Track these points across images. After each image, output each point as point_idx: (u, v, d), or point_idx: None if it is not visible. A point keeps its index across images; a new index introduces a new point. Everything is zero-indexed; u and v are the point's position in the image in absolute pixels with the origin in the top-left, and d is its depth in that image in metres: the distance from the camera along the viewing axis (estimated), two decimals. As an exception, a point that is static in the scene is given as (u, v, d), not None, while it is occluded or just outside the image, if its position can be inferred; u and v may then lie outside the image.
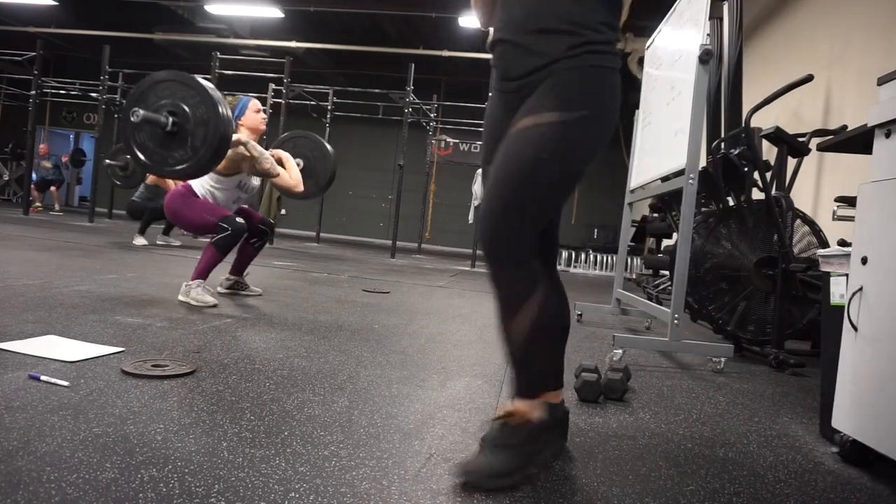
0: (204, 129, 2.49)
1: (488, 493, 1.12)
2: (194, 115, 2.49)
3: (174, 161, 2.54)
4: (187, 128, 2.49)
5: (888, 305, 1.36)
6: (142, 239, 6.04)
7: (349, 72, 12.81)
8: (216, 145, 2.51)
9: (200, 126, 2.49)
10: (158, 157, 2.55)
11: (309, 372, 1.85)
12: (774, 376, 2.54)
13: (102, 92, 9.20)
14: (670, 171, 2.82)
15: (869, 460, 1.47)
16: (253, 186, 3.22)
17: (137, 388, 1.51)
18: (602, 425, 1.62)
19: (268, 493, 1.03)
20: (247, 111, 3.09)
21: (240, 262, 3.33)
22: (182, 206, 2.98)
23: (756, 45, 5.70)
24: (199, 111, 2.49)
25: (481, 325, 3.10)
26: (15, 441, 1.12)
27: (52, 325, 2.09)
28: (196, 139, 2.50)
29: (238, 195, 3.16)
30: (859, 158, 3.00)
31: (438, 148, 13.21)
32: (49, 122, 15.07)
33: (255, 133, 3.11)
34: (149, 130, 2.53)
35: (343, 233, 13.82)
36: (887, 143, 1.44)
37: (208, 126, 2.49)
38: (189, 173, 2.59)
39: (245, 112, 3.08)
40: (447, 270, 6.83)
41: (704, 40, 2.44)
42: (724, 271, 2.97)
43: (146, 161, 2.56)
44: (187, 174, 2.60)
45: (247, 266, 3.36)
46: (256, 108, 3.11)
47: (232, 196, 3.13)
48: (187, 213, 2.97)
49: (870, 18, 3.64)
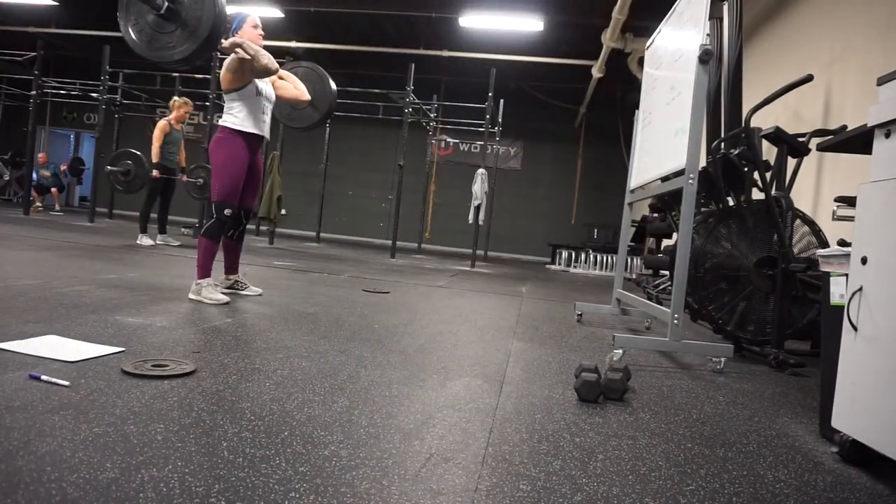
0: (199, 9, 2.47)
1: (488, 493, 1.12)
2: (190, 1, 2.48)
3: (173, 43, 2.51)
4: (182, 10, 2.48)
5: (888, 305, 1.36)
6: (146, 238, 6.04)
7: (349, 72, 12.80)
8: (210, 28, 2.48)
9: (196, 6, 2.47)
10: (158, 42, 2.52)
11: (309, 372, 1.85)
12: (774, 376, 2.54)
13: (103, 92, 9.20)
14: (670, 171, 2.82)
15: (869, 460, 1.47)
16: (270, 93, 3.22)
17: (137, 388, 1.51)
18: (602, 425, 1.62)
19: (268, 493, 1.03)
20: (244, 25, 3.06)
21: (228, 260, 3.34)
22: (219, 157, 3.05)
23: (756, 45, 5.70)
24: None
25: (481, 325, 3.10)
26: (15, 441, 1.12)
27: (53, 325, 2.09)
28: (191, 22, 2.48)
29: (262, 103, 3.15)
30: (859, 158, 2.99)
31: (438, 148, 13.22)
32: (49, 122, 15.07)
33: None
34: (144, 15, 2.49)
35: (343, 233, 13.81)
36: (887, 143, 1.44)
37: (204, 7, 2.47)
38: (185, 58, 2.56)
39: (242, 27, 3.06)
40: (447, 270, 6.83)
41: (704, 40, 2.44)
42: (724, 271, 2.97)
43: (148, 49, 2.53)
44: (183, 59, 2.57)
45: (236, 260, 3.36)
46: (254, 24, 3.09)
47: (257, 105, 3.11)
48: (219, 166, 3.04)
49: (870, 18, 3.63)
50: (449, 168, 13.52)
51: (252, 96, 3.09)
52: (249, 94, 3.08)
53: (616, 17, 6.99)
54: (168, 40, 2.51)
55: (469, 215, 8.51)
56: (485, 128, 7.93)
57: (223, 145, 3.04)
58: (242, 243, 3.37)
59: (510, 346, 2.62)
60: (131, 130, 12.06)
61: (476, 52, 10.21)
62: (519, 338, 2.86)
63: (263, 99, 3.16)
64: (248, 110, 3.08)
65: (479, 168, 8.37)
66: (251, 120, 3.09)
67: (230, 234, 3.29)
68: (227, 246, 3.31)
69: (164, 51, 2.52)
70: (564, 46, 10.28)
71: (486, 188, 8.35)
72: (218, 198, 3.00)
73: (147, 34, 2.52)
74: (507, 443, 1.40)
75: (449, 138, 12.06)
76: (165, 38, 2.50)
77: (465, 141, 12.64)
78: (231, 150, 3.04)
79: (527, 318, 3.57)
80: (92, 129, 13.77)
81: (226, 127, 3.05)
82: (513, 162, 13.41)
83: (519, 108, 12.64)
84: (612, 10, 6.94)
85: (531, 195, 13.39)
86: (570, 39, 10.06)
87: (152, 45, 2.53)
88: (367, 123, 12.62)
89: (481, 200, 8.23)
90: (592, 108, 11.93)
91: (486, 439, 1.41)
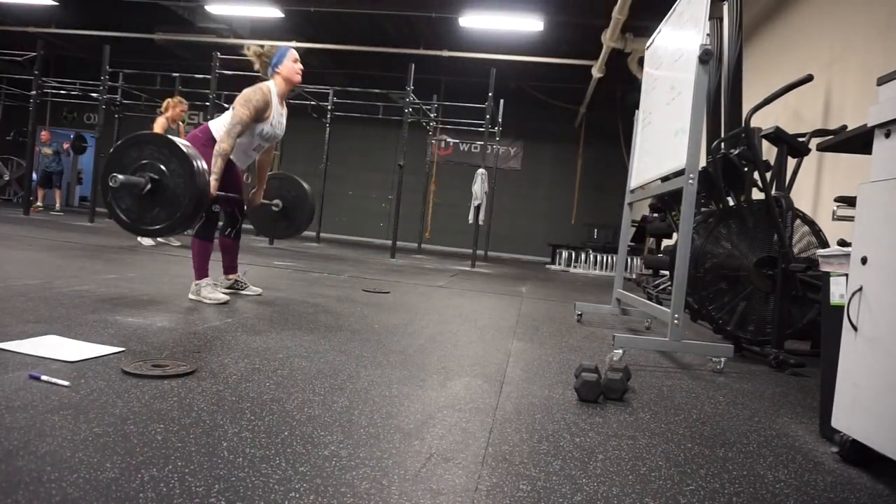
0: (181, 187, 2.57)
1: (488, 493, 1.12)
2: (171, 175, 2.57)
3: (153, 220, 2.63)
4: (166, 187, 2.57)
5: (888, 305, 1.36)
6: (147, 238, 6.04)
7: (349, 72, 12.81)
8: (195, 202, 2.58)
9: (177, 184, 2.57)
10: (137, 215, 2.63)
11: (309, 372, 1.85)
12: (774, 376, 2.54)
13: (103, 92, 9.20)
14: (670, 171, 2.82)
15: (869, 460, 1.47)
16: (276, 135, 3.15)
17: (137, 388, 1.51)
18: (602, 425, 1.62)
19: (268, 493, 1.03)
20: (285, 60, 3.06)
21: (227, 260, 3.34)
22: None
23: (756, 45, 5.70)
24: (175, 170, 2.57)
25: (481, 325, 3.10)
26: (15, 441, 1.12)
27: (53, 325, 2.09)
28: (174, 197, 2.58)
29: (258, 143, 3.11)
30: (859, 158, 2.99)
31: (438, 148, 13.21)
32: (49, 122, 15.06)
33: (288, 84, 3.09)
34: (128, 195, 2.60)
35: (343, 233, 13.82)
36: (887, 143, 1.44)
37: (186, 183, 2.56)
38: (166, 231, 2.67)
39: (283, 61, 3.05)
40: (447, 270, 6.83)
41: (704, 40, 2.44)
42: (724, 271, 2.97)
43: (126, 220, 2.65)
44: (165, 233, 2.69)
45: (234, 260, 3.35)
46: (294, 58, 3.09)
47: (252, 143, 3.09)
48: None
49: (870, 18, 3.63)
50: (449, 168, 13.52)
51: (251, 133, 3.03)
52: (252, 130, 3.02)
53: (616, 17, 6.99)
54: (154, 216, 2.61)
55: (469, 215, 8.51)
56: (485, 128, 7.94)
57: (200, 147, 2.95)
58: (240, 241, 3.36)
59: (510, 346, 2.62)
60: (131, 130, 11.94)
61: (476, 52, 10.20)
62: (519, 338, 2.86)
63: (262, 140, 3.11)
64: (242, 141, 3.03)
65: (479, 168, 8.37)
66: (239, 152, 3.06)
67: (227, 233, 3.29)
68: (225, 245, 3.31)
69: (149, 225, 2.64)
70: (564, 46, 10.29)
71: (486, 188, 8.35)
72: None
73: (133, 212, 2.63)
74: (507, 443, 1.40)
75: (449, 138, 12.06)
76: (150, 214, 2.62)
77: (465, 141, 12.65)
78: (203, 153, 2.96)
79: (527, 318, 3.57)
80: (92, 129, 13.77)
81: (209, 131, 2.99)
82: (513, 162, 13.42)
83: (519, 108, 12.64)
84: (612, 10, 6.94)
85: (531, 195, 13.39)
86: (570, 39, 10.06)
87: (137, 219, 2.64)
88: (367, 123, 12.62)
89: (481, 200, 8.24)
90: (592, 108, 11.93)
91: (486, 439, 1.41)
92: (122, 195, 2.59)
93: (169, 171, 2.55)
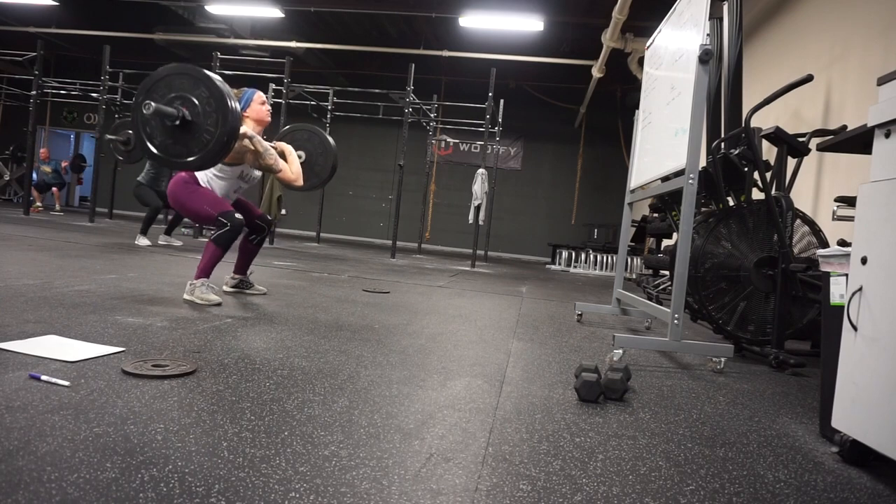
0: (213, 123, 2.50)
1: (488, 493, 1.12)
2: (204, 109, 2.51)
3: (184, 153, 2.55)
4: (197, 121, 2.50)
5: (888, 305, 1.36)
6: (144, 239, 6.05)
7: (349, 72, 12.81)
8: (225, 138, 2.52)
9: (210, 119, 2.51)
10: (168, 149, 2.56)
11: (309, 372, 1.85)
12: (774, 376, 2.54)
13: (103, 92, 9.20)
14: (670, 171, 2.82)
15: (869, 460, 1.47)
16: (254, 177, 3.23)
17: (138, 388, 1.51)
18: (602, 425, 1.62)
19: (268, 493, 1.03)
20: (252, 103, 3.09)
21: (242, 261, 3.37)
22: (184, 194, 2.99)
23: (756, 45, 5.70)
24: (209, 105, 2.50)
25: (481, 325, 3.10)
26: (15, 441, 1.12)
27: (53, 325, 2.09)
28: (205, 132, 2.51)
29: (239, 185, 3.17)
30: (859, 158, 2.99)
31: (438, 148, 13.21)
32: (49, 122, 15.07)
33: (260, 125, 3.12)
34: (159, 123, 2.54)
35: (343, 233, 13.82)
36: (887, 143, 1.44)
37: (217, 119, 2.50)
38: (197, 166, 2.60)
39: (250, 104, 3.09)
40: (447, 270, 6.83)
41: (704, 40, 2.44)
42: (724, 271, 2.97)
43: (157, 153, 2.57)
44: (196, 166, 2.62)
45: (249, 264, 3.40)
46: (261, 101, 3.13)
47: (233, 185, 3.14)
48: (189, 202, 2.98)
49: (870, 18, 3.64)
50: (449, 168, 13.52)
51: (234, 177, 3.09)
52: (233, 174, 3.08)
53: (616, 17, 6.99)
54: (187, 148, 2.55)
55: (469, 215, 8.51)
56: (485, 128, 7.94)
57: (186, 186, 3.00)
58: (260, 248, 3.42)
59: (510, 346, 2.62)
60: (131, 130, 12.06)
61: (476, 52, 10.21)
62: (519, 338, 2.86)
63: (243, 181, 3.17)
64: (224, 185, 3.08)
65: (479, 168, 8.38)
66: (219, 193, 3.08)
67: (252, 238, 3.35)
68: (246, 248, 3.36)
69: (183, 158, 2.58)
70: (564, 46, 10.29)
71: (486, 188, 8.35)
72: (217, 211, 2.95)
73: (167, 146, 2.58)
74: (508, 443, 1.40)
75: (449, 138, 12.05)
76: (184, 147, 2.55)
77: (465, 141, 12.64)
78: (197, 188, 3.01)
79: (527, 318, 3.57)
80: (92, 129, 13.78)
81: (195, 176, 3.02)
82: (513, 162, 13.42)
83: (519, 108, 12.65)
84: (612, 10, 6.94)
85: (531, 195, 13.39)
86: (570, 39, 10.07)
87: (172, 154, 2.58)
88: (367, 123, 12.63)
89: (481, 200, 8.24)
90: (592, 108, 11.93)
91: (486, 439, 1.41)
92: (154, 129, 2.54)
93: (202, 105, 2.50)
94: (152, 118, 2.51)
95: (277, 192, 8.47)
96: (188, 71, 2.55)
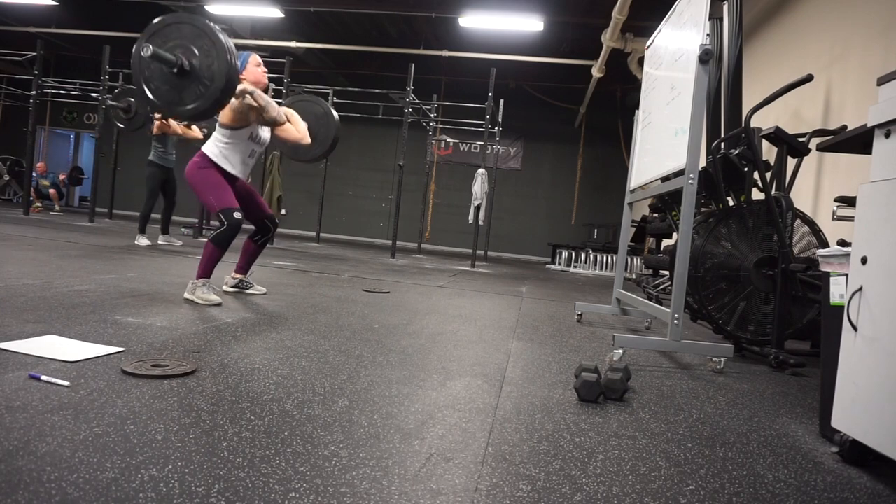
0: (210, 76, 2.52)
1: (488, 493, 1.12)
2: (203, 60, 2.52)
3: (177, 101, 2.56)
4: (195, 71, 2.52)
5: (888, 305, 1.36)
6: (144, 239, 6.04)
7: (349, 72, 12.81)
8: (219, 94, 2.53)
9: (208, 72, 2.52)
10: (163, 95, 2.57)
11: (309, 372, 1.85)
12: (774, 376, 2.54)
13: (102, 92, 9.20)
14: (670, 171, 2.82)
15: (869, 460, 1.47)
16: (265, 138, 3.23)
17: (137, 388, 1.51)
18: (602, 425, 1.62)
19: (268, 493, 1.03)
20: (248, 65, 3.09)
21: (244, 261, 3.38)
22: (196, 180, 3.02)
23: (756, 45, 5.70)
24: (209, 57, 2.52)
25: (481, 325, 3.10)
26: (15, 441, 1.12)
27: (53, 325, 2.09)
28: (202, 84, 2.52)
29: (252, 148, 3.17)
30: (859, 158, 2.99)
31: (438, 148, 13.21)
32: (49, 121, 15.08)
33: (257, 87, 3.12)
34: (157, 68, 2.54)
35: (343, 233, 13.82)
36: (887, 143, 1.44)
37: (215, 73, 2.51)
38: (189, 115, 2.61)
39: (246, 66, 3.08)
40: (447, 270, 6.83)
41: (704, 40, 2.44)
42: (724, 271, 2.97)
43: (151, 97, 2.58)
44: (188, 116, 2.62)
45: (251, 264, 3.41)
46: (257, 63, 3.12)
47: (246, 150, 3.14)
48: (200, 189, 3.02)
49: (870, 18, 3.64)
50: (449, 168, 13.52)
51: (244, 140, 3.10)
52: (243, 136, 3.09)
53: (616, 17, 6.99)
54: (183, 96, 2.55)
55: (469, 215, 8.51)
56: (485, 128, 7.93)
57: (198, 170, 3.03)
58: (263, 249, 3.43)
59: (510, 346, 2.62)
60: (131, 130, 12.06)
61: (476, 52, 10.21)
62: (519, 338, 2.86)
63: (255, 143, 3.17)
64: (236, 152, 3.09)
65: (479, 168, 8.38)
66: (235, 161, 3.10)
67: (256, 239, 3.35)
68: (249, 249, 3.36)
69: (179, 106, 2.58)
70: (564, 46, 10.29)
71: (486, 188, 8.35)
72: (220, 206, 2.98)
73: (163, 92, 2.57)
74: (507, 443, 1.40)
75: (449, 138, 12.06)
76: (181, 94, 2.55)
77: (465, 141, 12.64)
78: (207, 174, 3.02)
79: (527, 318, 3.57)
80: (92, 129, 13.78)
81: (206, 155, 3.04)
82: (513, 162, 13.42)
83: (519, 108, 12.65)
84: (612, 10, 6.94)
85: (531, 195, 13.39)
86: (570, 39, 10.06)
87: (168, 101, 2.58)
88: (367, 123, 12.63)
89: (481, 200, 8.24)
90: (592, 108, 11.94)
91: (486, 439, 1.41)
92: (153, 73, 2.55)
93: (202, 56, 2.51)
94: (152, 62, 2.52)
95: (278, 193, 8.48)
96: (193, 21, 2.57)
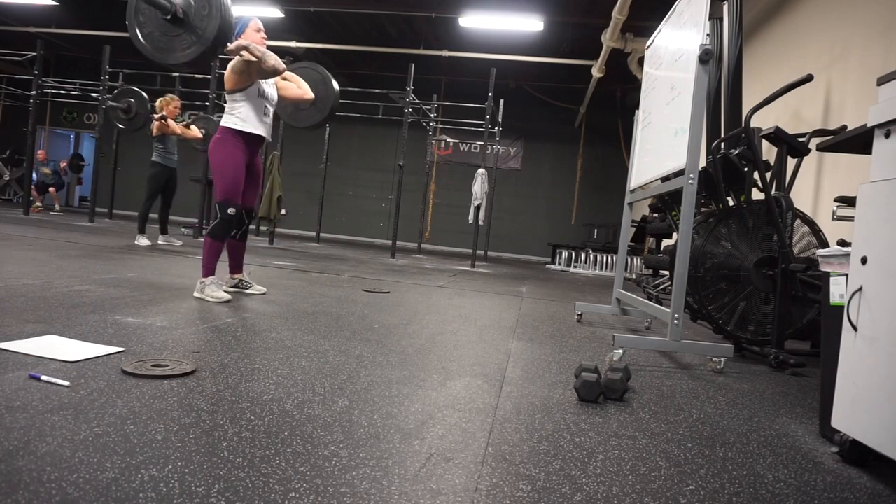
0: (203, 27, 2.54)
1: (488, 493, 1.12)
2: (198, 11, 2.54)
3: (167, 48, 2.58)
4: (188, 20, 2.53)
5: (888, 305, 1.36)
6: (144, 239, 6.04)
7: (349, 72, 12.81)
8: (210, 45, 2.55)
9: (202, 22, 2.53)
10: (155, 41, 2.57)
11: (309, 372, 1.85)
12: (774, 376, 2.54)
13: (102, 92, 9.20)
14: (670, 171, 2.82)
15: (869, 460, 1.47)
16: (272, 95, 3.26)
17: (137, 388, 1.51)
18: (602, 425, 1.62)
19: (268, 493, 1.03)
20: (247, 30, 3.09)
21: (233, 260, 3.40)
22: (216, 157, 3.07)
23: (756, 45, 5.70)
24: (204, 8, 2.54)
25: (481, 325, 3.10)
26: (15, 441, 1.12)
27: (53, 325, 2.09)
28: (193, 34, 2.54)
29: (263, 105, 3.18)
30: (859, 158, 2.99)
31: (438, 148, 13.21)
32: (49, 122, 15.07)
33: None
34: (152, 13, 2.55)
35: (343, 233, 13.82)
36: (887, 143, 1.44)
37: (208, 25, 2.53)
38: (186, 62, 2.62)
39: (245, 31, 3.08)
40: (447, 270, 6.83)
41: (704, 40, 2.44)
42: (724, 271, 2.97)
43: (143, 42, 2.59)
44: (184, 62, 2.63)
45: (241, 259, 3.41)
46: (257, 28, 3.12)
47: (258, 107, 3.15)
48: (219, 168, 3.06)
49: (870, 18, 3.64)
50: (449, 168, 13.52)
51: (254, 97, 3.13)
52: (252, 95, 3.11)
53: (616, 17, 6.99)
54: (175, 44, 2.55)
55: (469, 215, 8.51)
56: (485, 128, 7.93)
57: (222, 146, 3.08)
58: (246, 242, 3.42)
59: (510, 346, 2.62)
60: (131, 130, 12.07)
61: (476, 52, 10.21)
62: (519, 338, 2.86)
63: (265, 100, 3.20)
64: (251, 111, 3.12)
65: (479, 168, 8.38)
66: (253, 121, 3.13)
67: (234, 234, 3.34)
68: (231, 245, 3.36)
69: (170, 53, 2.57)
70: (564, 46, 10.29)
71: (486, 188, 8.35)
72: (222, 196, 3.05)
73: (154, 38, 2.56)
74: (507, 443, 1.40)
75: (449, 138, 12.06)
76: (172, 41, 2.54)
77: (465, 141, 12.65)
78: (230, 151, 3.07)
79: (527, 318, 3.57)
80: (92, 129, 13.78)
81: (227, 127, 3.09)
82: (513, 162, 13.42)
83: (519, 108, 12.65)
84: (612, 10, 6.94)
85: (531, 195, 13.39)
86: (570, 39, 10.06)
87: (159, 47, 2.57)
88: (367, 123, 12.63)
89: (481, 200, 8.24)
90: (592, 108, 11.94)
91: (486, 439, 1.41)
92: (147, 18, 2.55)
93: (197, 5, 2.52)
94: (146, 8, 2.53)
95: (277, 192, 8.47)
96: None
